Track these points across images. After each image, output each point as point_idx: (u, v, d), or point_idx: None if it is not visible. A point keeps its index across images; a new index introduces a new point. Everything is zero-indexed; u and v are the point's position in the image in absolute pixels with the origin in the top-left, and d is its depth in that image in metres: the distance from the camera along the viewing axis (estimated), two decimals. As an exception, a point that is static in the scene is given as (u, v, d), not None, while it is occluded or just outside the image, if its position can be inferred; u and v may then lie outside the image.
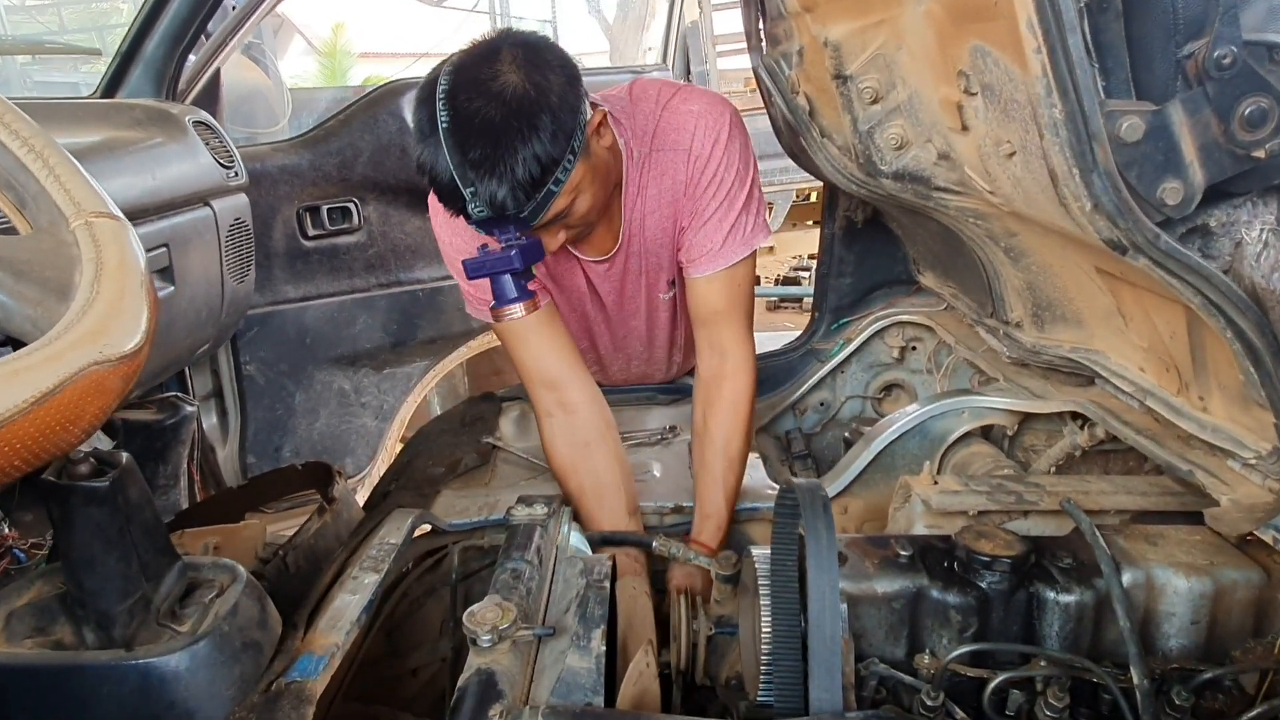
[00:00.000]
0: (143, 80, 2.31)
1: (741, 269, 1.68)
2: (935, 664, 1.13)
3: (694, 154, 1.59)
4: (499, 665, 1.01)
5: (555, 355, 1.70)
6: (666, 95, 1.63)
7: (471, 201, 1.32)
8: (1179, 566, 1.15)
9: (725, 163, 1.60)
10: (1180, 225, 0.95)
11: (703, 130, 1.58)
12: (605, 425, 1.73)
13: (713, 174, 1.60)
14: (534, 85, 1.31)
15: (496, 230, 1.38)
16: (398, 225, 3.00)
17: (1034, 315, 1.60)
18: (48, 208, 0.72)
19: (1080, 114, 0.88)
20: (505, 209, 1.32)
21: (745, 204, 1.65)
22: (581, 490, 1.68)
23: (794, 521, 1.15)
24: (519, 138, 1.29)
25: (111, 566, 0.93)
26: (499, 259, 1.38)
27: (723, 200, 1.62)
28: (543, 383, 1.72)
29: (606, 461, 1.69)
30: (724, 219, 1.63)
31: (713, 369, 1.71)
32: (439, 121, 1.29)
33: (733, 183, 1.62)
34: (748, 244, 1.66)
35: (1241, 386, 1.02)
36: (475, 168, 1.29)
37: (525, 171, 1.30)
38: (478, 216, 1.34)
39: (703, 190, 1.61)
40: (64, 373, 0.59)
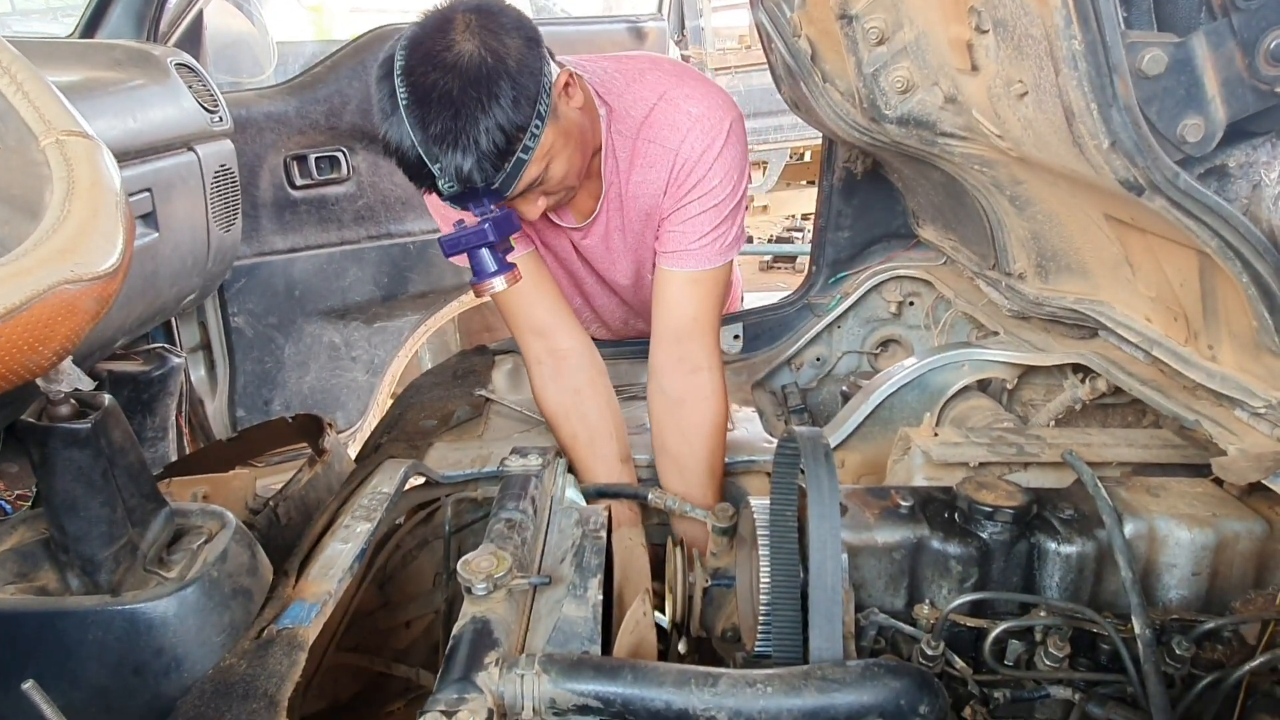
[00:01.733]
0: (123, 20, 2.23)
1: (718, 275, 1.61)
2: (935, 614, 1.12)
3: (681, 156, 1.52)
4: (494, 614, 0.99)
5: (543, 303, 1.67)
6: (667, 85, 1.54)
7: (440, 177, 1.28)
8: (1181, 518, 1.14)
9: (714, 171, 1.52)
10: (1199, 165, 0.92)
11: (696, 136, 1.50)
12: (596, 372, 1.70)
13: (698, 179, 1.53)
14: (490, 51, 1.26)
15: (471, 204, 1.34)
16: (387, 176, 2.94)
17: (1038, 266, 1.58)
18: (15, 125, 0.68)
19: (1101, 45, 0.84)
20: (473, 181, 1.28)
21: (730, 215, 1.57)
22: (574, 437, 1.66)
23: (794, 471, 1.13)
24: (479, 107, 1.24)
25: (95, 511, 0.91)
26: (472, 233, 1.34)
27: (707, 206, 1.55)
28: (531, 330, 1.69)
29: (598, 408, 1.67)
30: (706, 222, 1.55)
31: (685, 388, 1.62)
32: (399, 98, 1.25)
33: (720, 191, 1.54)
34: (726, 253, 1.59)
35: (1254, 334, 1.00)
36: (438, 142, 1.25)
37: (489, 141, 1.25)
38: (448, 192, 1.30)
39: (685, 192, 1.54)
40: (31, 290, 0.55)
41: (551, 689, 0.89)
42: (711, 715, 0.89)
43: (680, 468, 1.64)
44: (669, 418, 1.64)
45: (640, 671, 0.90)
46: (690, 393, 1.62)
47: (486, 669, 0.90)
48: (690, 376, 1.62)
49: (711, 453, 1.64)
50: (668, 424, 1.64)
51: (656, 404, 1.66)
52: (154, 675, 0.91)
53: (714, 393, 1.63)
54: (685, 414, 1.63)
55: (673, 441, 1.64)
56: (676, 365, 1.62)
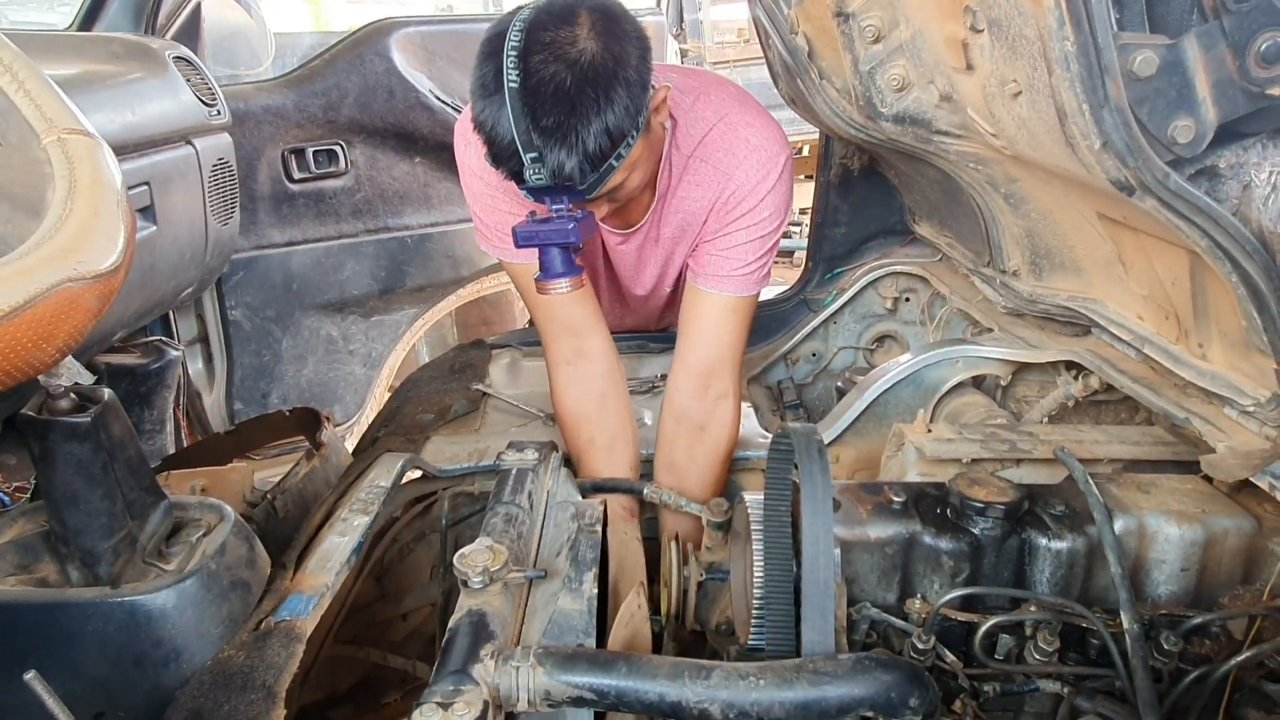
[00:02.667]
0: (120, 13, 2.23)
1: (749, 304, 1.64)
2: (926, 608, 1.13)
3: (734, 183, 1.52)
4: (490, 607, 1.00)
5: (579, 302, 1.65)
6: (729, 108, 1.54)
7: (531, 168, 1.25)
8: (1171, 514, 1.15)
9: (764, 204, 1.54)
10: (1189, 165, 0.93)
11: (752, 166, 1.51)
12: (619, 378, 1.70)
13: (749, 208, 1.54)
14: (612, 56, 1.24)
15: (549, 199, 1.31)
16: (385, 170, 2.94)
17: (1032, 264, 1.59)
18: (17, 123, 0.68)
19: (1093, 46, 0.85)
20: (570, 180, 1.26)
21: (771, 247, 1.60)
22: (592, 441, 1.65)
23: (787, 467, 1.14)
24: (594, 109, 1.22)
25: (95, 503, 0.92)
26: (554, 230, 1.30)
27: (754, 236, 1.56)
28: (566, 329, 1.67)
29: (619, 415, 1.67)
30: (750, 251, 1.57)
31: (708, 414, 1.64)
32: (506, 80, 1.21)
33: (767, 224, 1.56)
34: (760, 284, 1.62)
35: (1243, 332, 1.01)
36: (545, 135, 1.22)
37: (595, 144, 1.24)
38: (535, 184, 1.27)
39: (734, 219, 1.55)
40: (35, 288, 0.56)
41: (546, 681, 0.90)
42: (704, 707, 0.90)
43: (684, 489, 1.63)
44: (683, 440, 1.65)
45: (634, 664, 0.91)
46: (713, 420, 1.64)
47: (482, 661, 0.91)
48: (716, 403, 1.64)
49: (717, 478, 1.66)
50: (680, 445, 1.65)
51: (672, 425, 1.66)
52: (153, 666, 0.92)
53: (734, 420, 1.66)
54: (703, 439, 1.64)
55: (682, 461, 1.65)
56: (703, 391, 1.63)
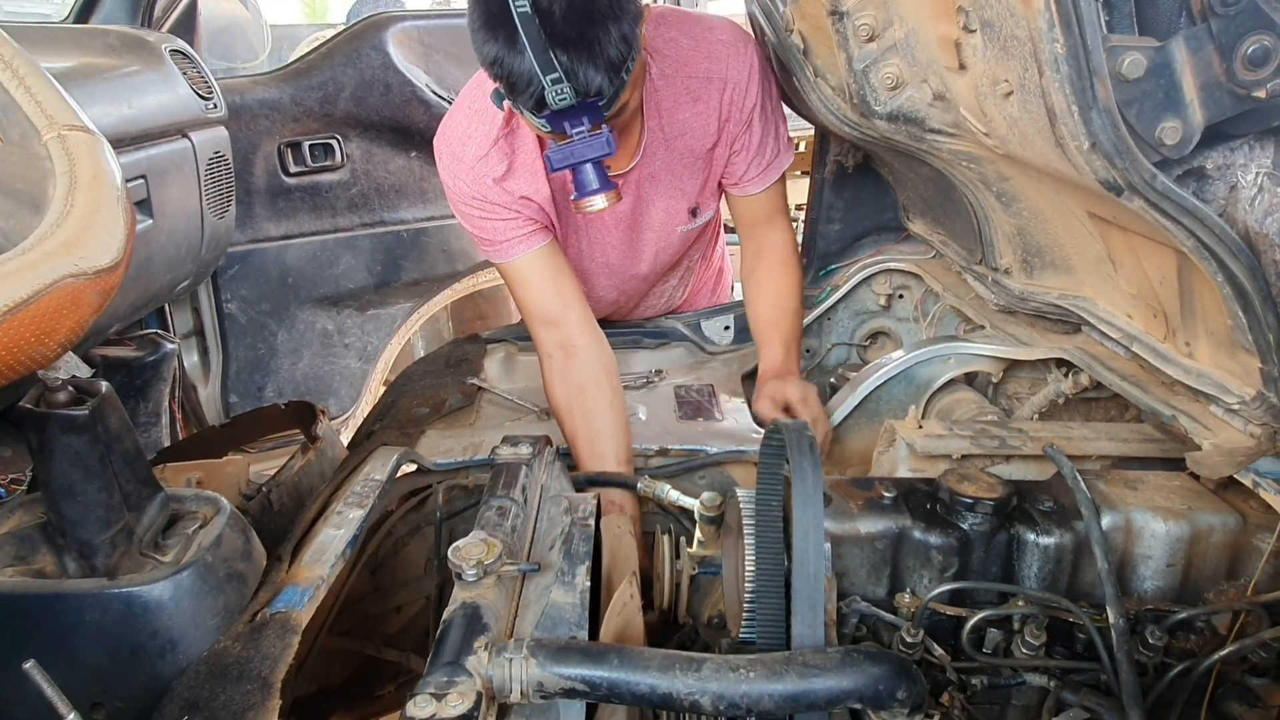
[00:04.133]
0: (116, 6, 2.23)
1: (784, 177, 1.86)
2: (915, 602, 1.14)
3: (731, 81, 1.62)
4: (484, 599, 1.01)
5: (555, 294, 1.71)
6: (689, 24, 1.65)
7: (553, 89, 1.24)
8: (1157, 510, 1.17)
9: (761, 87, 1.67)
10: (1177, 166, 0.94)
11: (735, 59, 1.62)
12: (603, 370, 1.72)
13: (754, 100, 1.66)
14: None
15: (568, 123, 1.30)
16: (381, 164, 2.94)
17: (1023, 262, 1.60)
18: (18, 120, 0.69)
19: (1082, 49, 0.86)
20: (600, 93, 1.27)
21: (775, 111, 1.75)
22: (575, 433, 1.69)
23: (779, 462, 1.15)
24: (609, 16, 1.25)
25: (92, 496, 0.92)
26: (589, 144, 1.30)
27: (766, 122, 1.71)
28: (544, 321, 1.72)
29: (600, 407, 1.69)
30: (768, 138, 1.73)
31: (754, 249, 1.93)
32: (514, 7, 1.20)
33: (769, 104, 1.70)
34: (788, 152, 1.80)
35: (1229, 331, 1.03)
36: (569, 49, 1.23)
37: (616, 51, 1.26)
38: (559, 105, 1.26)
39: (749, 115, 1.68)
40: (38, 283, 0.57)
41: (539, 673, 0.90)
42: (695, 699, 0.91)
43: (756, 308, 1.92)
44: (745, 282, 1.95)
45: (626, 656, 0.92)
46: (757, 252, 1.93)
47: (476, 653, 0.92)
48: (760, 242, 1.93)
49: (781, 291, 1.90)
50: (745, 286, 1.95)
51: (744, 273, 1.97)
52: (150, 657, 0.93)
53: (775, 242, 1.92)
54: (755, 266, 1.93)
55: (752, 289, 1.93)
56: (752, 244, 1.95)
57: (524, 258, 1.69)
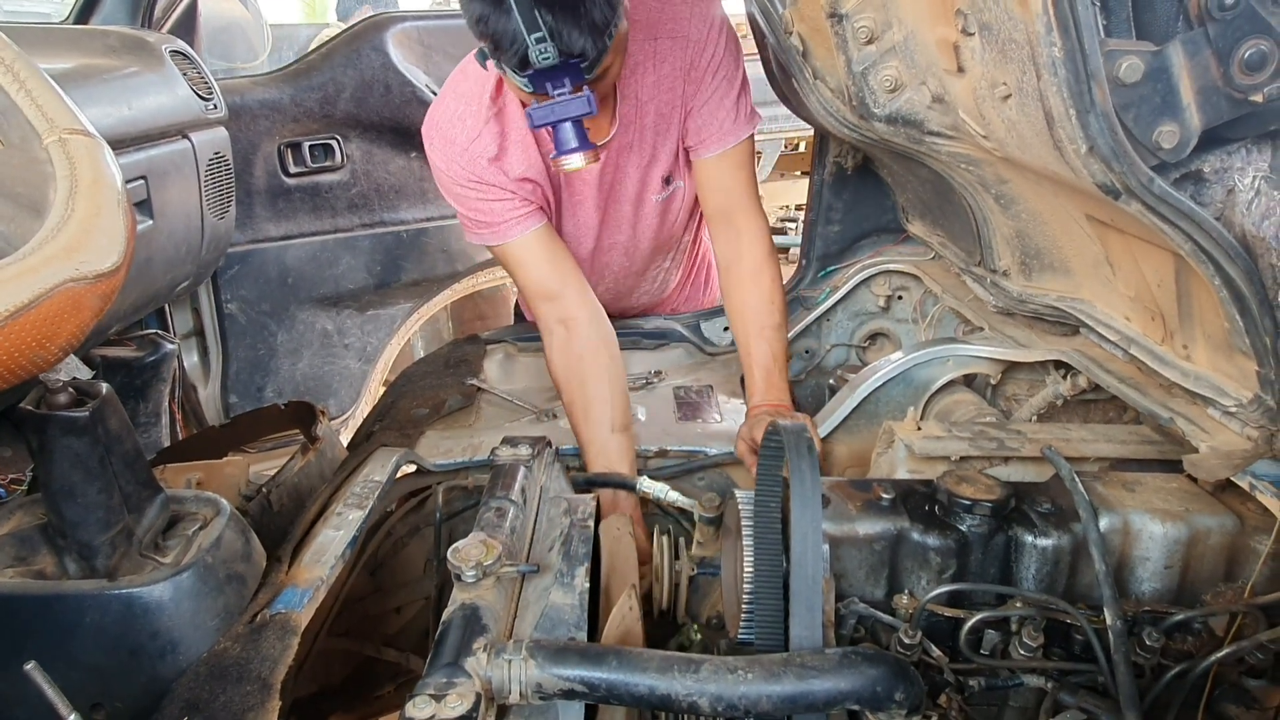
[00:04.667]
0: (117, 7, 2.23)
1: (746, 147, 1.79)
2: (913, 604, 1.14)
3: (692, 39, 1.63)
4: (483, 600, 1.02)
5: (553, 270, 1.74)
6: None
7: (536, 48, 1.27)
8: (1155, 512, 1.17)
9: (722, 43, 1.67)
10: (1174, 170, 0.94)
11: (698, 16, 1.63)
12: (600, 341, 1.75)
13: (712, 54, 1.66)
14: None
15: (550, 83, 1.33)
16: (381, 164, 2.95)
17: (1022, 264, 1.60)
18: (19, 123, 0.69)
19: (1080, 53, 0.86)
20: (584, 52, 1.31)
21: (743, 84, 1.73)
22: (572, 402, 1.73)
23: (778, 463, 1.15)
24: None
25: (92, 497, 0.93)
26: (569, 102, 1.34)
27: (724, 78, 1.69)
28: (542, 296, 1.75)
29: (596, 375, 1.72)
30: (727, 95, 1.70)
31: (730, 251, 1.83)
32: None
33: (731, 63, 1.69)
34: (750, 123, 1.76)
35: (1226, 334, 1.03)
36: (553, 9, 1.26)
37: (600, 14, 1.30)
38: (542, 64, 1.29)
39: (705, 71, 1.67)
40: (39, 288, 0.57)
41: (538, 674, 0.91)
42: (693, 700, 0.91)
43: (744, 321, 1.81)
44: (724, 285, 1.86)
45: (624, 657, 0.93)
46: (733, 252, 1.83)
47: (475, 654, 0.92)
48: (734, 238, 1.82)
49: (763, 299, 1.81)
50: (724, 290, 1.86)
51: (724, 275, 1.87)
52: (150, 658, 0.93)
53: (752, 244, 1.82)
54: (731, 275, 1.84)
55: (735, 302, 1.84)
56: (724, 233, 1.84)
57: (521, 239, 1.72)
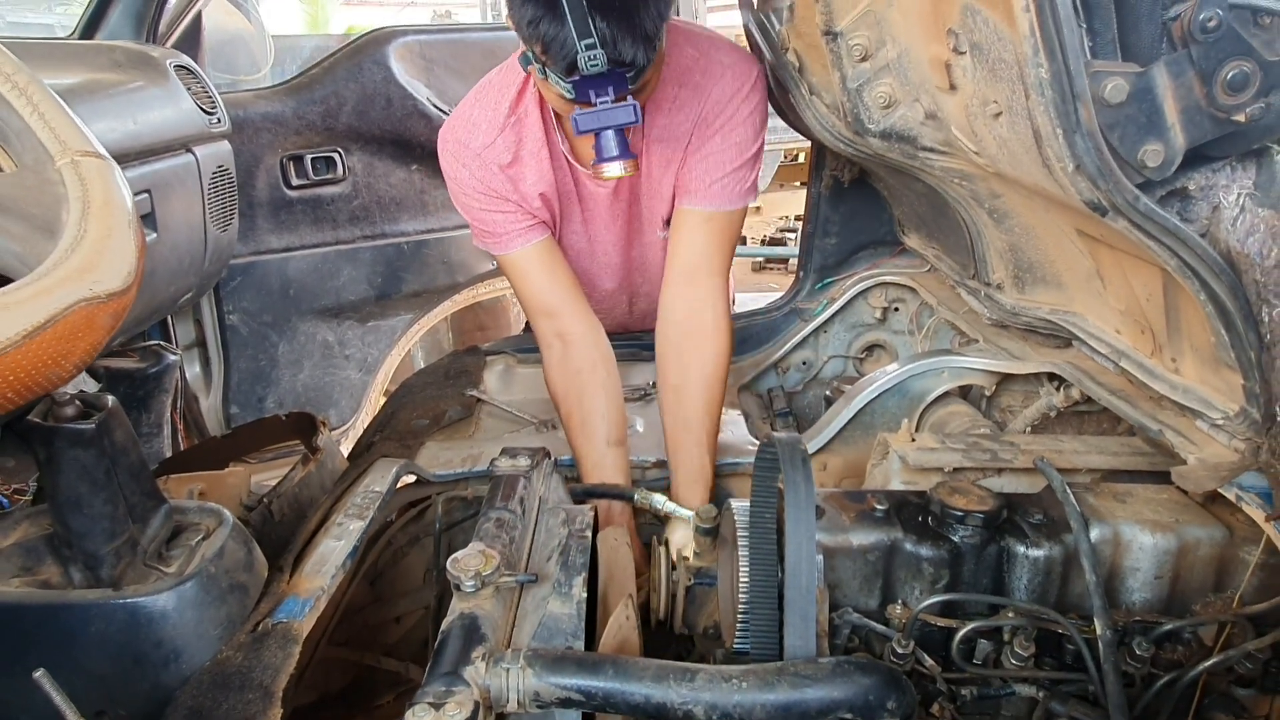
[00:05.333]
0: (122, 21, 2.26)
1: (734, 218, 1.72)
2: (907, 614, 1.16)
3: (713, 98, 1.62)
4: (482, 610, 1.03)
5: (553, 286, 1.75)
6: (700, 38, 1.66)
7: (585, 54, 1.28)
8: (1145, 523, 1.18)
9: (739, 112, 1.63)
10: (1160, 188, 0.96)
11: (728, 81, 1.62)
12: (599, 356, 1.76)
13: (728, 118, 1.64)
14: None
15: (594, 90, 1.33)
16: (382, 177, 2.97)
17: (1015, 277, 1.62)
18: (32, 146, 0.71)
19: (1066, 74, 0.88)
20: (634, 62, 1.32)
21: (751, 158, 1.68)
22: (569, 416, 1.73)
23: (773, 475, 1.17)
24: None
25: (98, 508, 0.94)
26: (616, 110, 1.34)
27: (731, 143, 1.65)
28: (543, 312, 1.76)
29: (594, 391, 1.73)
30: (728, 160, 1.66)
31: (691, 323, 1.70)
32: None
33: (744, 133, 1.65)
34: (744, 197, 1.70)
35: (1213, 348, 1.05)
36: (608, 16, 1.27)
37: (652, 25, 1.31)
38: (590, 70, 1.30)
39: (714, 129, 1.65)
40: (54, 308, 0.59)
41: (536, 683, 0.92)
42: (689, 709, 0.92)
43: (680, 399, 1.70)
44: (671, 349, 1.72)
45: (621, 666, 0.94)
46: (697, 325, 1.70)
47: (473, 663, 0.93)
48: (700, 308, 1.70)
49: (708, 386, 1.70)
50: (670, 355, 1.72)
51: (661, 338, 1.74)
52: (153, 666, 0.94)
53: (720, 329, 1.71)
54: (689, 346, 1.70)
55: (673, 372, 1.72)
56: (685, 302, 1.71)
57: (523, 250, 1.73)
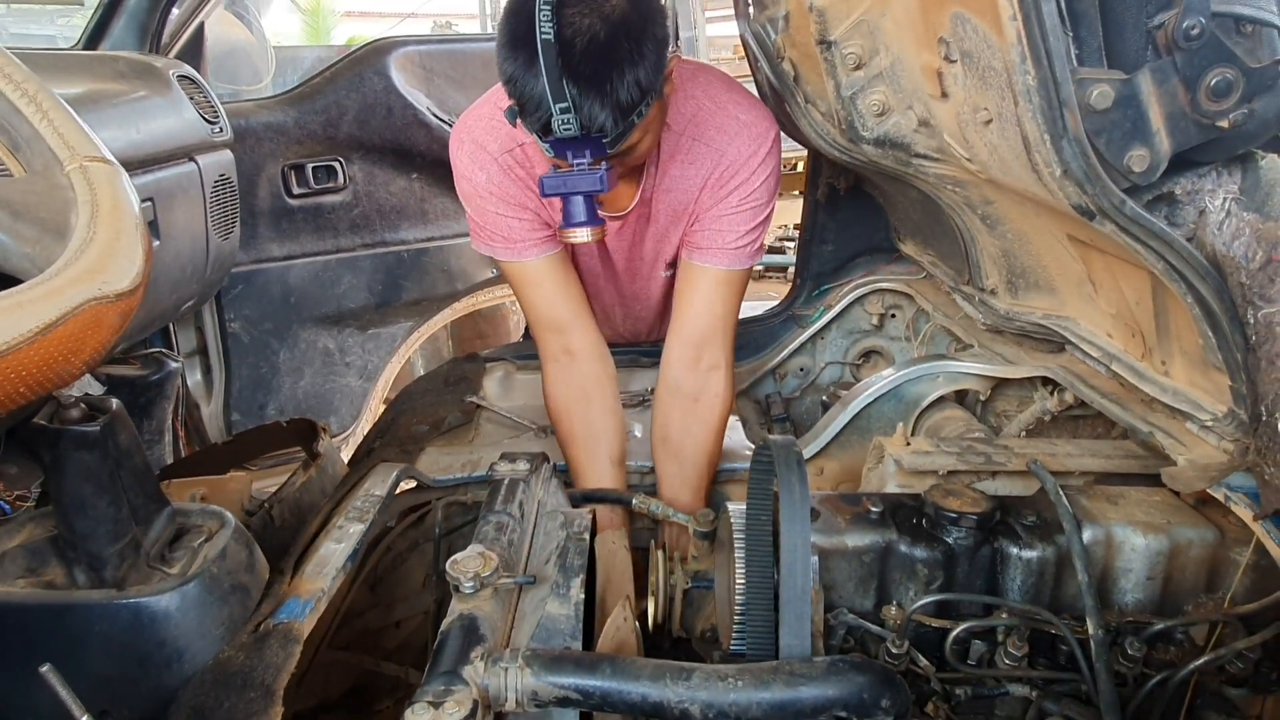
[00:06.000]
0: (125, 32, 2.28)
1: (743, 277, 1.71)
2: (901, 615, 1.17)
3: (728, 158, 1.59)
4: (481, 611, 1.04)
5: (564, 300, 1.73)
6: (718, 89, 1.62)
7: (560, 118, 1.28)
8: (1137, 525, 1.20)
9: (755, 176, 1.60)
10: (1147, 193, 0.98)
11: (744, 142, 1.58)
12: (605, 376, 1.76)
13: (743, 179, 1.60)
14: (639, 12, 1.30)
15: (571, 152, 1.34)
16: (383, 185, 2.99)
17: (1008, 282, 1.64)
18: (41, 151, 0.73)
19: (1052, 81, 0.90)
20: (602, 130, 1.31)
21: (763, 220, 1.66)
22: (573, 435, 1.72)
23: (769, 478, 1.18)
24: (626, 60, 1.27)
25: (102, 510, 0.95)
26: (582, 177, 1.34)
27: (747, 207, 1.62)
28: (550, 327, 1.74)
29: (601, 411, 1.73)
30: (743, 222, 1.63)
31: (700, 385, 1.70)
32: (539, 31, 1.24)
33: (760, 196, 1.62)
34: (754, 256, 1.69)
35: (1201, 351, 1.06)
36: (581, 84, 1.26)
37: (627, 94, 1.29)
38: (563, 134, 1.30)
39: (729, 190, 1.61)
40: (65, 306, 0.61)
41: (534, 682, 0.93)
42: (685, 707, 0.93)
43: (680, 461, 1.70)
44: (676, 411, 1.71)
45: (618, 665, 0.95)
46: (704, 390, 1.70)
47: (472, 663, 0.94)
48: (707, 375, 1.70)
49: (712, 450, 1.72)
50: (674, 418, 1.71)
51: (667, 398, 1.73)
52: (156, 666, 0.95)
53: (725, 391, 1.72)
54: (696, 410, 1.70)
55: (676, 434, 1.71)
56: (694, 362, 1.70)
57: (536, 261, 1.70)
